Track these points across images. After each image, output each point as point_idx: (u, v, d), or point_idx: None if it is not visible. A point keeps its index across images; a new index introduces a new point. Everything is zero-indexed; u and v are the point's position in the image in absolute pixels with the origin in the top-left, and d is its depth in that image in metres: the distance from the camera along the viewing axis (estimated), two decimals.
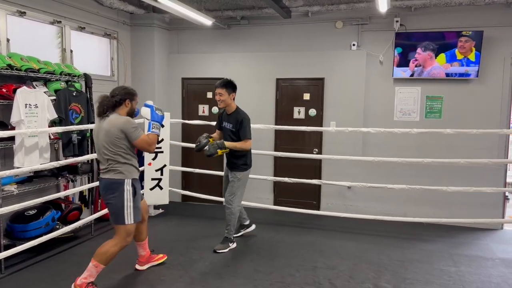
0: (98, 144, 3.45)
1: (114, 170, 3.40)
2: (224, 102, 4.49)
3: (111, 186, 3.40)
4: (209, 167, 6.24)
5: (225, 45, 6.59)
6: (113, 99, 3.46)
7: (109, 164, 3.40)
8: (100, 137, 3.41)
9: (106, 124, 3.38)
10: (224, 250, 4.56)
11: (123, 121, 3.37)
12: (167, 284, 3.73)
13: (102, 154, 3.42)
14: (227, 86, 4.46)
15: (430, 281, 3.89)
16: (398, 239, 5.11)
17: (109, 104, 3.45)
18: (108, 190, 3.41)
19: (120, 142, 3.37)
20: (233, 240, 4.70)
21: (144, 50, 6.47)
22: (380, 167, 5.78)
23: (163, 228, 5.40)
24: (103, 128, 3.38)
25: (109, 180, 3.40)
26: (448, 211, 5.65)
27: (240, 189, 4.62)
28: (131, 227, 3.48)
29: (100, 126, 3.43)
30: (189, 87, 6.78)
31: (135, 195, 3.49)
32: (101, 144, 3.40)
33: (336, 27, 6.08)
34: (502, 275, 4.07)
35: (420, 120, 5.84)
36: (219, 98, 4.46)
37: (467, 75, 5.52)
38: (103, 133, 3.38)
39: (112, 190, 3.40)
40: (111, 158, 3.39)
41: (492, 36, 5.46)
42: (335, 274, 4.00)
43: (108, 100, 3.46)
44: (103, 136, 3.38)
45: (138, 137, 3.39)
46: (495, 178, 5.56)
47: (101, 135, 3.40)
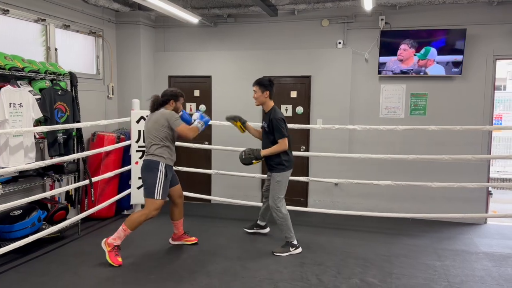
0: (146, 132, 4.25)
1: (154, 154, 4.14)
2: (258, 100, 4.53)
3: (149, 165, 4.14)
4: (197, 165, 6.23)
5: (211, 43, 6.58)
6: (162, 99, 4.30)
7: (150, 148, 4.18)
8: (149, 126, 4.22)
9: (155, 115, 4.21)
10: (283, 254, 4.43)
11: (169, 112, 4.19)
12: (155, 282, 3.73)
13: (148, 139, 4.21)
14: (260, 84, 4.49)
15: (416, 275, 3.96)
16: (384, 235, 5.19)
17: (158, 102, 4.29)
18: (146, 168, 4.16)
19: (163, 130, 4.14)
20: (296, 245, 4.53)
21: (129, 48, 6.43)
22: (366, 164, 5.85)
23: (152, 227, 5.38)
24: (152, 119, 4.21)
25: (149, 160, 4.15)
26: (433, 206, 5.74)
27: (282, 191, 4.50)
28: (159, 203, 4.14)
29: (150, 118, 4.26)
30: (176, 85, 6.74)
31: (166, 177, 4.17)
32: (148, 131, 4.20)
33: (322, 25, 6.13)
34: (485, 269, 4.16)
35: (405, 117, 5.92)
36: (254, 96, 4.56)
37: (451, 72, 5.62)
38: (151, 122, 4.19)
39: (150, 168, 4.13)
40: (154, 143, 4.16)
41: (475, 34, 5.56)
42: (323, 270, 4.04)
43: (158, 99, 4.31)
44: (151, 124, 4.19)
45: (179, 125, 4.12)
46: (479, 174, 5.67)
47: (150, 124, 4.21)
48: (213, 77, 6.56)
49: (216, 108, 6.55)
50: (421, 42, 5.65)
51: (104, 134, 5.64)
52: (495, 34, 5.55)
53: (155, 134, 4.15)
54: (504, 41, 5.54)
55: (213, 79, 6.57)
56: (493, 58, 5.61)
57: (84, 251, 4.48)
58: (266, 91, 4.47)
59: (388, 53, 5.79)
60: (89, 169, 5.33)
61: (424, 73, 5.71)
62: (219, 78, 6.54)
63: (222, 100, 6.52)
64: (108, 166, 5.56)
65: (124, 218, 5.63)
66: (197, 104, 6.67)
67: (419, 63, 5.70)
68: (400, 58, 5.75)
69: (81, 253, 4.44)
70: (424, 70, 5.70)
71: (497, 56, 5.62)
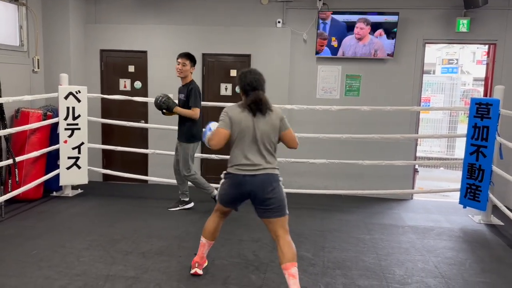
0: (262, 134, 3.08)
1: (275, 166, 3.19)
2: (184, 73, 4.74)
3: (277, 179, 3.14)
4: (132, 144, 6.03)
5: (148, 17, 6.31)
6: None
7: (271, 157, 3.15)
8: (267, 127, 3.10)
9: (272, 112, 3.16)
10: (176, 209, 5.09)
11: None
12: (87, 264, 3.59)
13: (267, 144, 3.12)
14: (190, 58, 4.76)
15: (347, 249, 4.14)
16: (317, 211, 5.36)
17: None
18: (276, 183, 3.12)
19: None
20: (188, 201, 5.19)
21: (57, 18, 5.99)
22: (303, 143, 5.89)
23: (82, 209, 5.16)
24: (268, 119, 3.11)
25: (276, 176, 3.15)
26: (364, 183, 6.00)
27: (191, 160, 4.88)
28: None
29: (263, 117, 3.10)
30: (109, 59, 6.44)
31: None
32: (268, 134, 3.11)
33: (262, 3, 6.08)
34: (410, 241, 4.44)
35: (340, 98, 6.09)
36: (181, 68, 4.71)
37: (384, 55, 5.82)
38: (269, 125, 3.11)
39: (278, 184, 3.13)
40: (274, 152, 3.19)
41: (407, 18, 5.78)
42: (259, 246, 4.10)
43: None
44: (270, 127, 3.11)
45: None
46: (406, 152, 5.99)
47: (268, 126, 3.10)
48: (149, 53, 6.32)
49: (152, 85, 6.32)
50: (357, 23, 5.78)
51: (29, 111, 5.26)
52: (425, 18, 5.82)
53: (271, 139, 3.13)
54: (433, 26, 5.82)
55: (149, 55, 6.32)
56: (422, 42, 5.88)
57: (7, 235, 4.20)
58: (193, 67, 4.83)
59: (323, 34, 5.86)
60: (13, 148, 4.96)
61: (357, 54, 5.86)
62: (155, 53, 6.31)
63: (159, 77, 6.30)
64: (34, 145, 5.21)
65: (53, 200, 5.40)
66: (132, 81, 6.41)
67: (353, 44, 5.84)
68: (358, 36, 5.81)
69: (5, 236, 4.16)
70: (357, 52, 5.85)
71: (426, 40, 5.90)
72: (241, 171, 3.07)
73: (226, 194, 3.19)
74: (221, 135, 3.10)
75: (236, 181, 3.10)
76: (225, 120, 3.12)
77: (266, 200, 3.05)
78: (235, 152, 3.13)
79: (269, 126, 3.09)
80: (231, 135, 3.11)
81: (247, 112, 3.08)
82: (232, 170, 3.14)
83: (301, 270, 3.58)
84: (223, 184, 3.21)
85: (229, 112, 3.13)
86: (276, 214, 3.07)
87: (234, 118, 3.08)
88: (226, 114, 3.15)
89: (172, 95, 4.90)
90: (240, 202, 3.25)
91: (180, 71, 4.73)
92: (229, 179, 3.16)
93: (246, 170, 3.06)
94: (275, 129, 3.13)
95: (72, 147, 5.36)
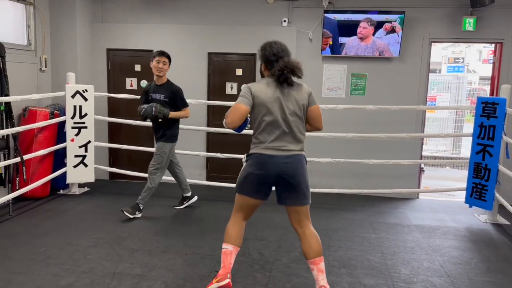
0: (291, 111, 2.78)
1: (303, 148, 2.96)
2: (164, 72, 4.65)
3: (304, 162, 2.90)
4: (138, 143, 6.06)
5: (154, 16, 6.34)
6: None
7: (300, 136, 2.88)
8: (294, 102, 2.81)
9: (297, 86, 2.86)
10: (130, 216, 4.71)
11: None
12: (94, 262, 3.62)
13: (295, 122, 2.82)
14: (169, 58, 4.69)
15: (352, 248, 4.14)
16: (323, 210, 5.36)
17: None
18: (304, 166, 2.86)
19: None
20: (141, 210, 4.84)
21: (64, 18, 6.03)
22: (308, 142, 5.88)
23: (89, 207, 5.20)
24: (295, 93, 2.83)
25: (303, 156, 2.90)
26: (370, 182, 5.99)
27: (166, 162, 4.80)
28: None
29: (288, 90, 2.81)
30: (115, 58, 6.47)
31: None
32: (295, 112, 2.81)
33: (268, 2, 6.08)
34: (416, 240, 4.43)
35: (345, 96, 6.08)
36: (162, 67, 4.60)
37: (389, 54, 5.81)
38: (294, 99, 2.81)
39: (305, 167, 2.89)
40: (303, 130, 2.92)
41: (413, 17, 5.77)
42: (264, 245, 4.11)
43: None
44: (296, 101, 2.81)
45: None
46: (412, 151, 5.98)
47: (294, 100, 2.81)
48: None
49: None
50: (369, 22, 5.77)
51: (37, 109, 5.30)
52: (431, 17, 5.80)
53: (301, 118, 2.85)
54: (439, 25, 5.80)
55: None
56: (428, 41, 5.86)
57: (15, 232, 4.25)
58: (169, 67, 4.76)
59: (330, 32, 5.86)
60: (21, 146, 5.01)
61: (363, 53, 5.85)
62: None
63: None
64: (41, 143, 5.26)
65: (60, 198, 5.45)
66: (138, 80, 6.44)
67: (360, 43, 5.83)
68: (360, 36, 5.81)
69: (13, 234, 4.20)
70: (363, 50, 5.84)
71: (432, 39, 5.88)
72: (269, 150, 2.75)
73: (249, 179, 2.80)
74: (239, 112, 2.71)
75: (261, 160, 2.75)
76: (246, 95, 2.76)
77: (296, 186, 2.77)
78: (261, 132, 2.78)
79: (299, 101, 2.79)
80: (255, 113, 2.77)
81: (274, 85, 2.76)
82: (256, 150, 2.79)
83: (306, 268, 3.60)
84: (244, 170, 2.84)
85: (252, 87, 2.78)
86: (303, 201, 2.83)
87: (258, 93, 2.74)
88: (248, 89, 2.78)
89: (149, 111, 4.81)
90: (267, 188, 2.83)
91: (161, 70, 4.61)
92: (252, 160, 2.79)
93: (274, 150, 2.75)
94: (304, 104, 2.82)
95: (79, 146, 5.40)
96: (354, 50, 5.84)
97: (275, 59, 2.81)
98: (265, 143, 2.76)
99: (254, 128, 2.83)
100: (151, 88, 4.76)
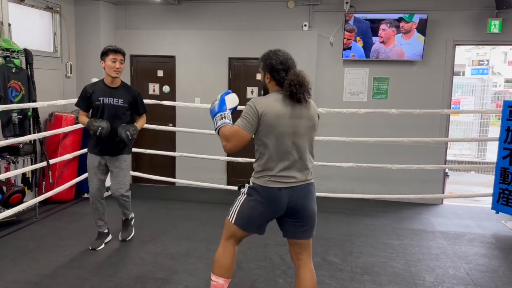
0: (301, 134, 2.47)
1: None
2: (121, 72, 3.83)
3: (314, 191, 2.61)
4: (160, 147, 6.13)
5: (175, 22, 6.42)
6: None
7: (309, 162, 2.58)
8: (304, 124, 2.48)
9: (309, 106, 2.52)
10: (132, 234, 4.28)
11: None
12: (117, 265, 3.67)
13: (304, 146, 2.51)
14: (124, 56, 3.86)
15: (375, 254, 4.09)
16: (345, 215, 5.31)
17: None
18: (314, 196, 2.60)
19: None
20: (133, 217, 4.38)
21: (89, 25, 6.17)
22: (329, 146, 5.91)
23: (112, 210, 5.27)
24: (307, 113, 2.49)
25: (313, 185, 2.61)
26: (392, 187, 5.91)
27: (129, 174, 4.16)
28: None
29: (299, 109, 2.45)
30: (138, 64, 6.58)
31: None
32: (305, 134, 2.50)
33: (288, 7, 6.09)
34: (441, 247, 4.34)
35: (367, 100, 6.02)
36: (120, 67, 3.78)
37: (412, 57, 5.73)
38: (307, 120, 2.49)
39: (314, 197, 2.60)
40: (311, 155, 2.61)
41: (436, 19, 5.68)
42: (286, 250, 4.05)
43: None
44: (308, 123, 2.50)
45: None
46: (436, 156, 5.87)
47: (305, 122, 2.48)
48: (177, 57, 6.42)
49: (180, 89, 6.43)
50: (390, 25, 5.72)
51: (62, 115, 5.43)
52: (455, 20, 5.70)
53: (312, 141, 2.57)
54: (464, 27, 5.70)
55: (177, 59, 6.42)
56: (452, 44, 5.76)
57: (41, 235, 4.35)
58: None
59: (350, 36, 5.82)
60: (47, 151, 5.13)
61: (385, 57, 5.79)
62: (183, 58, 6.41)
63: (186, 81, 6.40)
64: (67, 147, 5.38)
65: (84, 201, 5.55)
66: (161, 85, 6.53)
67: (382, 46, 5.78)
68: (381, 40, 5.76)
69: (39, 236, 4.30)
70: (387, 54, 5.78)
71: (456, 42, 5.78)
72: (277, 183, 2.41)
73: (253, 216, 2.50)
74: (241, 140, 2.40)
75: (270, 196, 2.42)
76: (249, 117, 2.38)
77: (306, 219, 2.49)
78: (267, 159, 2.42)
79: (310, 121, 2.48)
80: (260, 135, 2.40)
81: (283, 101, 2.39)
82: (262, 182, 2.44)
83: (329, 275, 3.57)
84: (247, 203, 2.51)
85: (258, 104, 2.37)
86: (308, 234, 2.56)
87: (265, 112, 2.36)
88: (253, 108, 2.38)
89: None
90: (268, 222, 2.58)
91: (118, 70, 3.78)
92: (257, 195, 2.45)
93: (283, 182, 2.41)
94: (314, 125, 2.51)
95: None
96: (376, 53, 5.79)
97: (283, 68, 2.44)
98: (272, 172, 2.42)
99: (259, 153, 2.47)
100: (97, 90, 3.80)
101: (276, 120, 2.37)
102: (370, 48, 5.79)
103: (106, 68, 3.76)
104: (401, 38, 5.67)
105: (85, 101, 3.84)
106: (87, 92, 3.83)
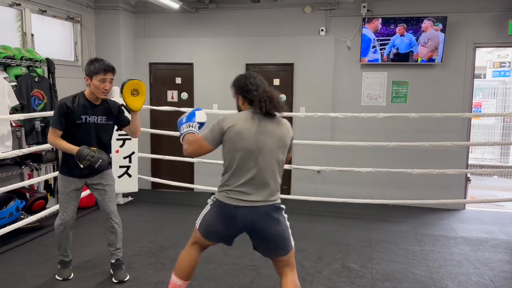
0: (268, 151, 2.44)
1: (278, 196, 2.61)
2: (109, 91, 3.33)
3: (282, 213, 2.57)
4: (179, 153, 6.17)
5: (193, 30, 6.49)
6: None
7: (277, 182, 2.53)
8: (272, 142, 2.46)
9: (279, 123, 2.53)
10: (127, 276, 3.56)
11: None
12: (138, 271, 3.71)
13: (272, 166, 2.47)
14: (114, 74, 3.37)
15: (396, 260, 4.03)
16: (364, 221, 5.25)
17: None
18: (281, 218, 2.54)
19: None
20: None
21: (109, 34, 6.29)
22: (348, 151, 5.89)
23: (132, 216, 5.34)
24: (277, 131, 2.48)
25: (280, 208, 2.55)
26: (413, 192, 5.82)
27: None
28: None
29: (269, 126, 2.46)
30: (157, 72, 6.67)
31: None
32: (274, 152, 2.48)
33: (305, 12, 6.09)
34: (463, 253, 4.25)
35: (386, 104, 5.96)
36: (109, 87, 3.28)
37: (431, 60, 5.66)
38: (277, 138, 2.48)
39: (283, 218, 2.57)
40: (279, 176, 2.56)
41: (455, 22, 5.60)
42: (304, 256, 4.07)
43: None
44: (278, 140, 2.49)
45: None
46: (458, 160, 5.76)
47: (274, 140, 2.47)
48: (195, 64, 6.48)
49: (198, 96, 6.49)
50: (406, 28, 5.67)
51: None
52: (475, 22, 5.61)
53: (280, 161, 2.52)
54: (484, 29, 5.60)
55: (195, 66, 6.49)
56: (473, 46, 5.67)
57: None
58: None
59: (369, 40, 5.78)
60: None
61: (403, 60, 5.74)
62: (201, 65, 6.47)
63: (204, 87, 6.46)
64: None
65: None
66: (179, 92, 6.60)
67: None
68: (383, 45, 5.74)
69: None
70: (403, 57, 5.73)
71: (477, 44, 5.68)
72: (233, 200, 2.41)
73: (213, 228, 2.56)
74: (202, 147, 2.47)
75: (225, 213, 2.45)
76: (214, 131, 2.45)
77: (267, 239, 2.48)
78: (230, 173, 2.44)
79: (280, 140, 2.47)
80: (227, 148, 2.44)
81: (251, 118, 2.43)
82: (221, 196, 2.47)
83: (349, 282, 3.54)
84: (209, 214, 2.59)
85: (225, 121, 2.43)
86: (280, 253, 2.52)
87: (230, 129, 2.40)
88: (219, 122, 2.45)
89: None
90: (232, 238, 2.60)
91: (107, 92, 3.28)
92: (217, 209, 2.50)
93: (240, 199, 2.40)
94: (285, 144, 2.50)
95: (124, 157, 5.58)
96: (398, 55, 5.73)
97: (254, 88, 2.49)
98: (229, 187, 2.43)
99: (224, 167, 2.50)
100: (79, 107, 3.25)
101: (239, 136, 2.40)
102: (387, 52, 5.75)
103: (93, 87, 3.22)
104: (421, 41, 5.60)
105: (66, 118, 3.21)
106: (68, 108, 3.21)
